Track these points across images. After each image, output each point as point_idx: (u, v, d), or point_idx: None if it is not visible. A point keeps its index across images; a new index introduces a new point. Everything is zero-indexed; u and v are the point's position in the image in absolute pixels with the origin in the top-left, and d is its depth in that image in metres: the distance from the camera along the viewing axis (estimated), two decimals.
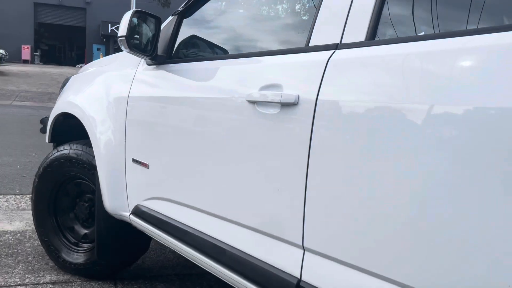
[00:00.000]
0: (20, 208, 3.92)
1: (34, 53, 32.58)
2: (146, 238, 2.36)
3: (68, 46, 38.80)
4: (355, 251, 1.13)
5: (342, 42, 1.25)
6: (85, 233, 2.52)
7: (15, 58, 29.95)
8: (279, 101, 1.31)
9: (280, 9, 1.65)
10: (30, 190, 3.96)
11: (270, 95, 1.35)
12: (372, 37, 1.19)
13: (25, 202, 4.06)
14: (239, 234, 1.48)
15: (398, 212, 1.03)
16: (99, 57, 23.30)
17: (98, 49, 33.04)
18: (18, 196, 4.21)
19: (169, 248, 2.46)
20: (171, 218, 1.80)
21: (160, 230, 1.87)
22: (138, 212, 2.01)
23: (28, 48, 31.58)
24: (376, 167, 1.07)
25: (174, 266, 2.79)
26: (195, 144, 1.67)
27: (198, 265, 1.71)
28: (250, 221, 1.44)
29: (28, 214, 3.55)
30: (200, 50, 2.00)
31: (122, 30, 1.80)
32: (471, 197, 0.90)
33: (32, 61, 31.55)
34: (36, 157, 5.86)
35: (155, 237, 1.96)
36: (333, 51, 1.25)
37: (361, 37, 1.20)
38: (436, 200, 0.95)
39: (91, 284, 2.41)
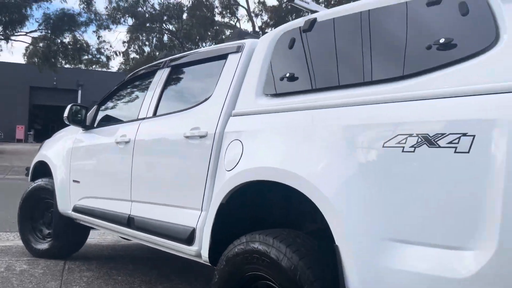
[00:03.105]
0: (9, 239, 5.55)
1: (28, 133, 34.71)
2: (85, 229, 4.07)
3: (61, 125, 41.04)
4: (148, 197, 2.90)
5: (146, 117, 3.12)
6: (48, 232, 4.23)
7: (9, 137, 32.00)
8: (124, 141, 3.15)
9: (136, 99, 3.60)
10: (17, 229, 5.62)
11: (123, 139, 3.19)
12: (155, 114, 3.07)
13: (13, 236, 5.68)
14: (112, 204, 3.24)
15: (159, 179, 2.84)
16: None
17: None
18: (8, 233, 5.83)
19: (106, 247, 4.11)
20: (89, 206, 3.55)
21: (84, 215, 3.61)
22: (75, 208, 3.75)
23: (22, 128, 33.72)
24: (155, 165, 2.88)
25: (106, 255, 4.46)
26: (98, 166, 3.49)
27: (120, 253, 3.42)
28: (115, 196, 3.22)
29: (15, 241, 5.16)
30: (109, 121, 3.86)
31: (65, 113, 3.70)
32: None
33: (25, 140, 33.55)
34: None
35: (83, 221, 3.69)
36: (141, 120, 3.13)
37: (151, 114, 3.08)
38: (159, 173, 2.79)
39: (50, 261, 4.07)
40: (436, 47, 1.63)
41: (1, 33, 24.34)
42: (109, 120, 3.78)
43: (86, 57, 29.36)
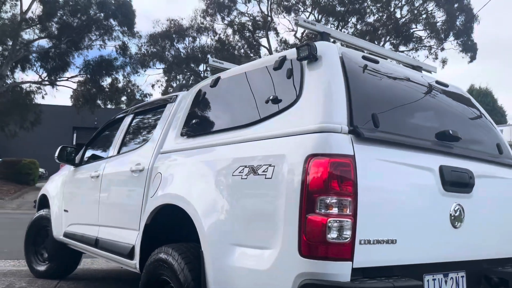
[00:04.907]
0: (24, 265, 6.31)
1: None
2: (77, 253, 4.71)
3: None
4: (109, 221, 3.52)
5: (113, 155, 3.78)
6: (47, 256, 4.90)
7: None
8: (96, 176, 3.81)
9: (110, 140, 4.27)
10: None
11: (95, 174, 3.85)
12: (119, 153, 3.72)
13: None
14: (88, 228, 3.88)
15: (111, 203, 3.46)
16: None
17: None
18: (23, 260, 6.62)
19: (96, 271, 4.75)
20: (73, 231, 4.21)
21: (71, 239, 4.26)
22: (65, 234, 4.42)
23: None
24: (112, 194, 3.52)
25: (97, 277, 5.08)
26: (80, 197, 4.16)
27: (112, 276, 4.05)
28: (89, 221, 3.85)
29: (24, 267, 5.89)
30: (93, 159, 4.56)
31: (56, 154, 4.43)
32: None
33: None
34: None
35: (71, 245, 4.34)
36: (109, 158, 3.79)
37: (116, 153, 3.74)
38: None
39: (47, 280, 4.73)
40: (270, 102, 2.19)
41: (46, 79, 26.59)
42: (93, 158, 4.48)
43: (124, 98, 31.22)
